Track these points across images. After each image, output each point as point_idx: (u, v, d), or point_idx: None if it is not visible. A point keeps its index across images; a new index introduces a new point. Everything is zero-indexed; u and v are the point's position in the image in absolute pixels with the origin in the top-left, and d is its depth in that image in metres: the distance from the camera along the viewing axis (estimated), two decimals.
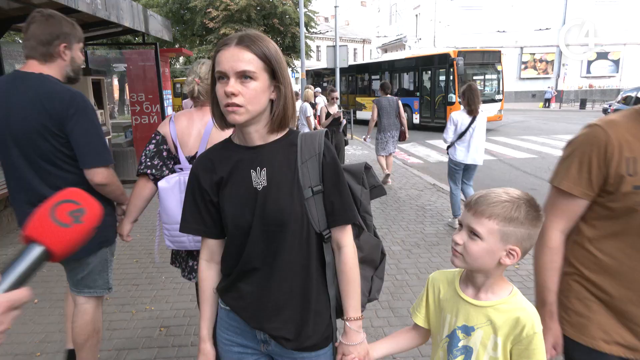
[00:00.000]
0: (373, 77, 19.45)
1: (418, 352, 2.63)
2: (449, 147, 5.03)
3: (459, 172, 4.99)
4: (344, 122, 7.80)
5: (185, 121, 1.98)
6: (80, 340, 2.12)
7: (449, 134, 4.95)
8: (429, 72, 16.19)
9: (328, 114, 7.28)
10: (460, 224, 1.12)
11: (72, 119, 1.82)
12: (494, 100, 15.90)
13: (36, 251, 0.67)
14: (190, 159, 1.95)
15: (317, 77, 23.54)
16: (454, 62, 14.37)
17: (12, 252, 4.45)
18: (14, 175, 1.92)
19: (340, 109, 7.46)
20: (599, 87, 30.57)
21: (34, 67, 1.87)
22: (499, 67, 16.02)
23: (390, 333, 1.42)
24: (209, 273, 1.30)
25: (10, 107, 1.83)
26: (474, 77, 15.69)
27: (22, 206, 1.94)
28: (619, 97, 20.82)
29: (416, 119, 16.76)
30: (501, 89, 16.11)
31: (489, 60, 15.96)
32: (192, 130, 1.96)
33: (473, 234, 1.07)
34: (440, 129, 14.55)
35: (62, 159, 1.87)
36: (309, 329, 1.21)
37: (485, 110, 15.23)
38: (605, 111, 20.02)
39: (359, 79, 20.60)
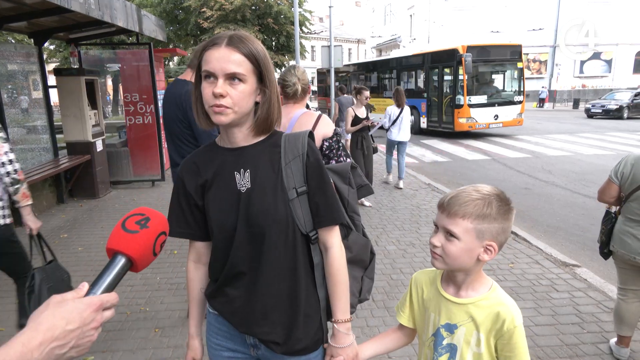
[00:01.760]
0: (381, 75, 18.19)
1: (413, 351, 2.65)
2: (387, 130, 7.27)
3: (394, 147, 7.41)
4: (377, 125, 6.80)
5: None
6: None
7: (386, 121, 7.21)
8: (436, 70, 14.30)
9: (357, 119, 6.22)
10: (437, 226, 1.14)
11: (191, 110, 2.57)
12: (512, 102, 13.81)
13: (118, 259, 0.79)
14: None
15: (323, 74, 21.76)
16: (462, 59, 12.59)
17: None
18: (168, 145, 2.94)
19: (368, 112, 6.48)
20: (591, 87, 30.77)
21: (187, 73, 2.89)
22: (519, 64, 14.01)
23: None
24: (196, 274, 1.32)
25: (167, 101, 2.87)
26: (492, 75, 14.13)
27: (172, 167, 2.96)
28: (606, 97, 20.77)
29: (423, 122, 14.85)
30: (522, 89, 14.02)
31: (506, 56, 13.90)
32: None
33: (449, 235, 1.09)
34: (448, 134, 13.97)
35: (187, 138, 2.78)
36: (299, 332, 1.19)
37: (502, 115, 13.74)
38: (587, 111, 20.10)
39: (367, 78, 19.03)
